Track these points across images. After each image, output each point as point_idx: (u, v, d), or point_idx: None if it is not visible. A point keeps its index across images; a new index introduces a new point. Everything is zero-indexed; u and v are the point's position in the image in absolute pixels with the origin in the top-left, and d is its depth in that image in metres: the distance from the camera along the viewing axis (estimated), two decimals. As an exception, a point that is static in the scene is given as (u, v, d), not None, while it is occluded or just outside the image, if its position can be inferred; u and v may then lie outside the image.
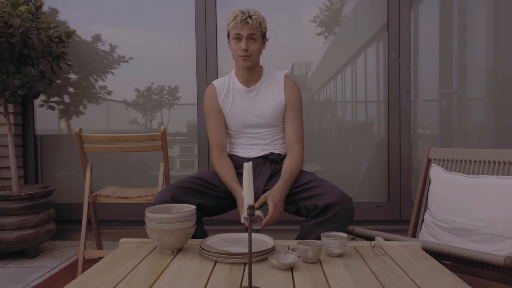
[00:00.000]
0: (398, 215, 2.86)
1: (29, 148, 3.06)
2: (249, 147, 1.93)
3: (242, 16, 1.75)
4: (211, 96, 1.91)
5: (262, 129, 1.90)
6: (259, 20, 1.78)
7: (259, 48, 1.82)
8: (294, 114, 1.88)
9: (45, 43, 2.63)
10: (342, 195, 1.63)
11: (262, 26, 1.80)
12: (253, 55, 1.79)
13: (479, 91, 2.88)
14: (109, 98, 3.10)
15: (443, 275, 1.21)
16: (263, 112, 1.87)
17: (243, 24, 1.74)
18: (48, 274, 2.30)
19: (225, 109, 1.90)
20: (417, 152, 2.89)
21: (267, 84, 1.89)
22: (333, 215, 1.60)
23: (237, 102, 1.89)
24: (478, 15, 2.85)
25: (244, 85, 1.88)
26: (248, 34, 1.76)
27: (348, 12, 2.94)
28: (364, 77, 2.94)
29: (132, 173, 3.10)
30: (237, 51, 1.79)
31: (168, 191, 1.68)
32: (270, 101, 1.87)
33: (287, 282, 1.16)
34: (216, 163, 1.85)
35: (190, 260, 1.36)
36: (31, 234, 2.51)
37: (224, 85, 1.91)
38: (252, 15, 1.76)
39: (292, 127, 1.87)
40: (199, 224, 1.71)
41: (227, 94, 1.89)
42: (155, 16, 3.04)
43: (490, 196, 1.69)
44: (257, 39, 1.79)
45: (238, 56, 1.80)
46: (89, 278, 1.20)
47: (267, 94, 1.88)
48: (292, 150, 1.85)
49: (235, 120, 1.90)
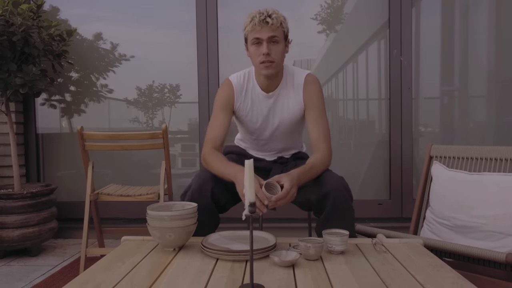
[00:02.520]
0: (400, 212, 2.86)
1: (30, 147, 3.06)
2: (260, 153, 1.88)
3: (260, 17, 1.56)
4: (226, 92, 1.74)
5: (278, 135, 1.80)
6: (279, 20, 1.59)
7: (282, 52, 1.63)
8: (317, 113, 1.70)
9: (46, 41, 2.63)
10: (335, 186, 1.56)
11: (283, 26, 1.61)
12: (276, 61, 1.60)
13: (481, 89, 2.87)
14: (110, 97, 3.10)
15: (445, 272, 1.21)
16: (282, 119, 1.74)
17: (262, 25, 1.56)
18: (50, 272, 2.31)
19: (241, 113, 1.76)
20: (418, 150, 2.89)
21: (287, 88, 1.73)
22: (328, 211, 1.57)
23: (256, 109, 1.74)
24: (480, 12, 2.85)
25: (264, 89, 1.72)
26: (268, 37, 1.57)
27: (350, 10, 2.93)
28: (366, 75, 2.94)
29: (133, 172, 3.11)
30: (258, 57, 1.60)
31: (210, 183, 1.61)
32: (292, 107, 1.73)
33: (289, 279, 1.16)
34: (206, 157, 1.67)
35: (192, 258, 1.36)
36: (33, 232, 2.52)
37: (243, 85, 1.74)
38: (272, 13, 1.58)
39: (316, 127, 1.69)
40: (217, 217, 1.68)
41: (245, 98, 1.74)
42: (156, 14, 3.04)
43: (491, 193, 1.69)
44: (279, 42, 1.60)
45: (260, 64, 1.61)
46: (91, 276, 1.21)
47: (287, 100, 1.73)
48: (317, 149, 1.67)
49: (251, 127, 1.79)
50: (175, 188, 2.96)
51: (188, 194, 1.63)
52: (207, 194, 1.61)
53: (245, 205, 1.13)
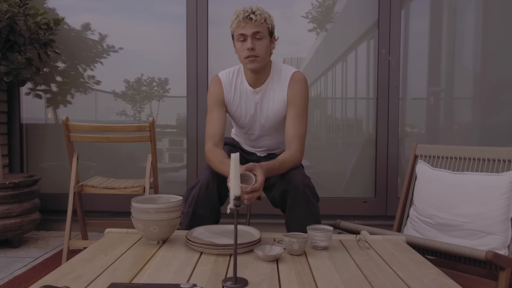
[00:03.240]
0: (384, 210, 2.89)
1: (14, 137, 3.01)
2: (252, 149, 1.93)
3: (245, 13, 1.62)
4: (216, 88, 1.78)
5: (267, 131, 1.83)
6: (263, 16, 1.63)
7: (267, 48, 1.66)
8: (297, 112, 1.72)
9: (32, 29, 2.58)
10: (294, 184, 1.61)
11: (268, 23, 1.65)
12: (260, 55, 1.64)
13: (467, 90, 2.92)
14: (97, 88, 3.06)
15: (426, 268, 1.23)
16: (268, 114, 1.77)
17: (246, 21, 1.61)
18: (31, 264, 2.27)
19: (231, 108, 1.80)
20: (404, 149, 2.92)
21: (273, 84, 1.75)
22: (289, 208, 1.63)
23: (244, 104, 1.78)
24: (467, 15, 2.89)
25: (251, 85, 1.76)
26: (253, 32, 1.62)
27: (340, 9, 2.95)
28: (354, 74, 2.95)
29: (119, 165, 3.08)
30: (243, 52, 1.65)
31: (216, 180, 1.64)
32: (276, 103, 1.75)
33: (272, 274, 1.17)
34: (210, 154, 1.69)
35: (176, 251, 1.35)
36: (15, 224, 2.48)
37: (231, 81, 1.78)
38: (255, 10, 1.63)
39: (293, 125, 1.71)
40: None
41: (234, 94, 1.78)
42: (146, 6, 3.00)
43: (473, 193, 1.72)
44: (263, 38, 1.64)
45: (245, 58, 1.65)
46: (72, 267, 1.19)
47: (273, 95, 1.75)
48: (290, 146, 1.70)
49: (240, 122, 1.83)
50: (161, 182, 2.95)
51: (195, 189, 1.65)
52: (214, 191, 1.65)
53: (229, 198, 1.13)
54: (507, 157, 1.78)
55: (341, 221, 1.94)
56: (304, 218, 1.61)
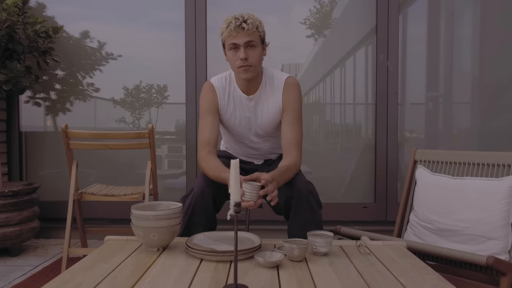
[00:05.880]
0: (384, 216, 2.88)
1: (13, 145, 3.01)
2: (245, 156, 1.90)
3: (236, 22, 1.58)
4: (209, 95, 1.75)
5: (262, 138, 1.82)
6: (255, 24, 1.61)
7: (259, 56, 1.65)
8: (292, 117, 1.72)
9: (31, 38, 2.59)
10: (299, 190, 1.60)
11: (259, 30, 1.63)
12: (254, 64, 1.63)
13: (465, 95, 2.92)
14: (96, 96, 3.06)
15: (427, 274, 1.22)
16: (262, 121, 1.76)
17: (238, 30, 1.58)
18: (31, 272, 2.26)
19: (225, 115, 1.77)
20: (403, 155, 2.92)
21: (267, 90, 1.74)
22: (292, 215, 1.61)
23: (238, 112, 1.76)
24: (465, 20, 2.90)
25: (244, 92, 1.74)
26: (245, 42, 1.59)
27: (338, 15, 2.96)
28: (353, 79, 2.96)
29: (118, 172, 3.07)
30: (236, 61, 1.63)
31: (211, 187, 1.63)
32: (271, 109, 1.74)
33: (273, 280, 1.16)
34: (202, 162, 1.68)
35: (176, 258, 1.35)
36: (14, 232, 2.47)
37: (225, 88, 1.76)
38: (247, 19, 1.59)
39: (290, 130, 1.71)
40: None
41: (228, 101, 1.76)
42: (145, 13, 3.02)
43: (473, 198, 1.72)
44: (256, 46, 1.62)
45: (238, 68, 1.63)
46: (72, 275, 1.19)
47: (267, 102, 1.75)
48: (289, 153, 1.69)
49: (234, 129, 1.81)
50: (160, 189, 2.94)
51: (190, 197, 1.65)
52: (209, 198, 1.63)
53: (230, 205, 1.13)
54: (507, 161, 1.79)
55: (341, 226, 1.93)
56: (307, 225, 1.60)
